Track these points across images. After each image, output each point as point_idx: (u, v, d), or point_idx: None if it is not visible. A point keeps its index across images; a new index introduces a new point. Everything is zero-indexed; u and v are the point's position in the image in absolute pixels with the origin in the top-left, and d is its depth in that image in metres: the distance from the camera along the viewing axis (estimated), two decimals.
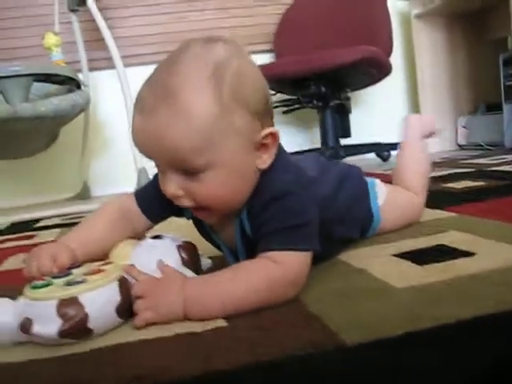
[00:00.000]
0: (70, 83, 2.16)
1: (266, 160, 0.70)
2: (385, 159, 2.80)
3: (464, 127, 2.87)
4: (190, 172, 0.65)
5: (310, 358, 0.50)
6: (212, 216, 0.72)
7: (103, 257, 0.74)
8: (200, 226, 0.81)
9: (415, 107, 3.04)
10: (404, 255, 0.82)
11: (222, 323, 0.62)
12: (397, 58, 2.99)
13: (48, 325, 0.58)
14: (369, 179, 1.00)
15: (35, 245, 1.35)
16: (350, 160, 2.12)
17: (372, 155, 2.88)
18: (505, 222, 0.96)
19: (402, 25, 3.08)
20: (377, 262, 0.81)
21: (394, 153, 2.74)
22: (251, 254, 0.70)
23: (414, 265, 0.76)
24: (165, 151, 0.64)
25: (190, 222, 0.82)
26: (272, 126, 0.71)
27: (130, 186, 2.18)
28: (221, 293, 0.65)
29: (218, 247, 0.82)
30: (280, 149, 0.74)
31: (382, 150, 2.79)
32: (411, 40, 2.93)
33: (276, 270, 0.66)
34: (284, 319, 0.61)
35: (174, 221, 0.83)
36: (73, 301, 0.60)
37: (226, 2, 2.97)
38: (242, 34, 2.92)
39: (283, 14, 2.95)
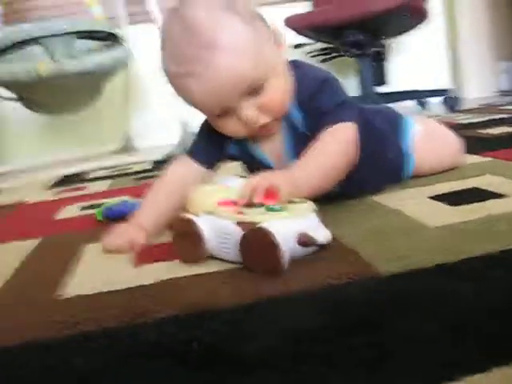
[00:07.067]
0: (111, 39, 2.20)
1: (281, 53, 0.82)
2: (424, 106, 2.80)
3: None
4: (256, 90, 0.76)
5: (344, 287, 0.55)
6: (274, 126, 0.82)
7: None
8: (245, 153, 0.89)
9: (454, 53, 2.99)
10: (438, 197, 0.86)
11: None
12: (436, 4, 2.93)
13: (319, 233, 0.66)
14: (406, 117, 1.03)
15: (90, 195, 1.44)
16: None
17: (410, 103, 2.86)
18: None
19: None
20: (411, 203, 0.85)
21: (432, 100, 2.75)
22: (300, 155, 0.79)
23: (448, 206, 0.80)
24: (235, 87, 0.74)
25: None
26: None
27: (171, 138, 2.24)
28: (318, 165, 0.77)
29: None
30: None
31: (421, 96, 2.78)
32: None
33: (348, 131, 0.80)
34: (321, 255, 0.65)
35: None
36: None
37: None
38: None
39: None
